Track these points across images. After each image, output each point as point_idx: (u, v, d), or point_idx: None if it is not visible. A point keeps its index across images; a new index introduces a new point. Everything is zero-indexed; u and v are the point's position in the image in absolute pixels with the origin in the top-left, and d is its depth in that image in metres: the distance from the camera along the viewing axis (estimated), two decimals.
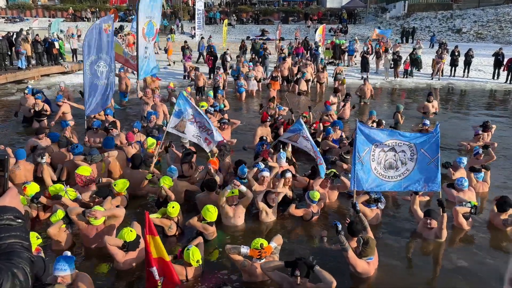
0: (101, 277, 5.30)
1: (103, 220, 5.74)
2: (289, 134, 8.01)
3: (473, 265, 5.59)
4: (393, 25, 36.28)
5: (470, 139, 10.29)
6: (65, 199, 6.11)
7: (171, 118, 7.85)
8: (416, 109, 13.32)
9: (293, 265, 4.46)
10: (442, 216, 5.89)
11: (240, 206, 6.46)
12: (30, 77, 19.01)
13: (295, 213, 6.60)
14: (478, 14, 35.78)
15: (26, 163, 7.80)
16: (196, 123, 7.73)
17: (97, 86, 9.75)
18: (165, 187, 6.61)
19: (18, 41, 19.35)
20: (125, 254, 5.30)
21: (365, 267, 5.10)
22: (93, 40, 9.51)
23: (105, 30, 9.67)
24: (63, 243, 5.79)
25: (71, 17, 38.01)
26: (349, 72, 21.10)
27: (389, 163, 6.18)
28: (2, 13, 39.72)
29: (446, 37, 32.08)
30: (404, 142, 6.16)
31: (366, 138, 6.17)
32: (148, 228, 3.91)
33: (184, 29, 35.02)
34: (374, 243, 5.15)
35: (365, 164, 6.19)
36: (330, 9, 41.46)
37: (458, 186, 7.32)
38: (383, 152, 6.18)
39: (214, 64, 19.68)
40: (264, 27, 36.39)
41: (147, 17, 12.30)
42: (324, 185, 7.32)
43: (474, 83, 19.89)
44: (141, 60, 12.34)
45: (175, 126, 7.79)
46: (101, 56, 9.68)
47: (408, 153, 6.16)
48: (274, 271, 4.75)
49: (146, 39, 12.42)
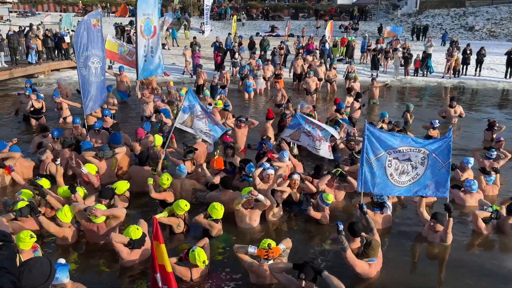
0: (104, 274, 5.31)
1: (103, 219, 5.76)
2: (289, 131, 7.96)
3: (479, 269, 5.51)
4: (404, 22, 35.89)
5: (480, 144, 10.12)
6: (77, 195, 6.20)
7: (179, 114, 7.87)
8: (438, 113, 12.75)
9: (301, 268, 4.43)
10: (448, 220, 5.80)
11: (256, 210, 6.37)
12: (40, 72, 19.17)
13: (314, 215, 6.51)
14: (491, 11, 35.23)
15: (23, 160, 7.86)
16: (205, 119, 7.75)
17: (93, 83, 9.36)
18: (151, 186, 6.55)
19: (29, 36, 19.51)
20: (130, 251, 5.31)
21: (365, 268, 5.05)
22: (82, 37, 9.04)
23: (94, 26, 9.28)
24: (69, 239, 5.83)
25: (82, 12, 38.19)
26: (358, 70, 20.84)
27: (402, 169, 6.08)
28: (15, 7, 40.07)
29: (458, 34, 31.64)
30: (418, 148, 6.00)
31: (378, 142, 6.01)
32: (155, 234, 3.88)
33: (193, 25, 34.95)
34: (378, 245, 5.10)
35: (376, 168, 6.04)
36: (340, 6, 41.12)
37: (467, 188, 7.25)
38: (398, 160, 6.04)
39: (223, 60, 19.62)
40: (274, 23, 36.25)
41: (144, 14, 12.08)
42: (331, 185, 7.27)
43: (486, 82, 19.60)
44: (141, 59, 12.09)
45: (182, 122, 7.82)
46: (94, 52, 9.30)
47: (420, 157, 6.03)
48: (282, 272, 4.72)
49: (145, 37, 12.20)
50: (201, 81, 15.73)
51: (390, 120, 10.45)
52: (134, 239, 5.27)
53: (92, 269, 5.44)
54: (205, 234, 6.05)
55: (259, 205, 6.30)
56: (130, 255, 5.31)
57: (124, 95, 14.40)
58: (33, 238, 4.94)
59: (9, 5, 39.81)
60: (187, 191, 7.09)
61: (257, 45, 23.75)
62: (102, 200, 6.11)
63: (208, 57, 22.78)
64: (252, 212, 6.35)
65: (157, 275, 3.94)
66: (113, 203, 6.26)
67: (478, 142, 10.67)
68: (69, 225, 5.83)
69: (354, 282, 5.11)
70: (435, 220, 6.01)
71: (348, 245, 5.05)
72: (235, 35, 26.17)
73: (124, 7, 37.78)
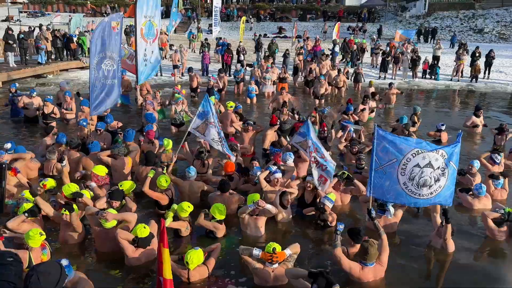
0: (109, 274, 5.32)
1: (114, 223, 5.55)
2: (300, 139, 7.77)
3: (486, 275, 5.45)
4: (413, 24, 35.70)
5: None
6: (86, 198, 6.12)
7: (194, 119, 7.81)
8: (463, 125, 11.80)
9: (314, 277, 4.39)
10: (446, 226, 5.67)
11: (262, 217, 6.25)
12: (49, 72, 19.34)
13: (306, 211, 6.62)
14: (501, 14, 34.93)
15: (28, 161, 7.87)
16: (217, 127, 7.64)
17: (105, 85, 9.26)
18: (148, 179, 6.56)
19: (38, 37, 19.70)
20: (135, 249, 5.32)
21: (353, 268, 5.00)
22: (100, 38, 9.04)
23: (114, 28, 9.24)
24: (75, 237, 5.86)
25: (91, 12, 38.47)
26: (367, 72, 20.75)
27: (424, 180, 5.66)
28: (25, 7, 40.47)
29: (467, 37, 31.43)
30: (437, 150, 5.67)
31: (393, 147, 5.66)
32: (162, 237, 3.89)
33: (201, 26, 35.02)
34: (375, 252, 5.01)
35: (387, 174, 5.74)
36: (349, 7, 41.00)
37: (475, 191, 7.19)
38: (419, 167, 5.61)
39: (232, 61, 19.66)
40: (282, 25, 36.23)
41: (146, 16, 11.56)
42: (337, 188, 7.24)
43: (494, 85, 19.43)
44: (141, 63, 11.56)
45: (196, 128, 7.76)
46: (109, 55, 9.23)
47: (440, 165, 5.66)
48: (298, 279, 4.71)
49: (147, 40, 11.70)
50: (195, 84, 15.32)
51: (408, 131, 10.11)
52: (139, 237, 5.28)
53: (97, 268, 5.47)
54: (209, 236, 6.07)
55: (265, 211, 6.17)
56: (135, 252, 5.31)
57: (125, 99, 13.97)
58: (42, 236, 5.02)
59: (19, 6, 40.25)
60: (195, 193, 7.09)
61: (265, 45, 23.69)
62: (113, 202, 6.01)
63: (214, 58, 22.79)
64: (258, 219, 6.22)
65: (161, 278, 3.96)
66: (124, 204, 6.18)
67: (487, 146, 10.53)
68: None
69: (360, 285, 5.08)
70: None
71: (339, 243, 5.11)
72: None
73: (133, 8, 37.91)
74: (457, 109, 15.69)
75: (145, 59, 11.71)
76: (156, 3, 11.90)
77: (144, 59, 11.68)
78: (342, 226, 5.30)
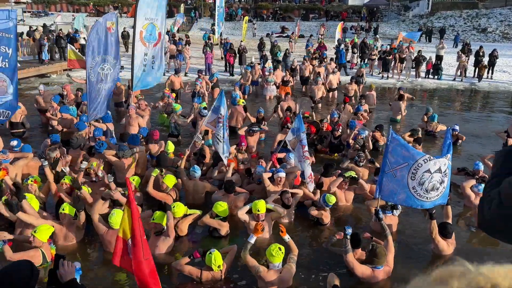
0: (108, 273, 5.34)
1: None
2: (291, 135, 7.57)
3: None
4: (416, 24, 35.62)
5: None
6: (84, 192, 6.20)
7: (209, 113, 7.87)
8: (496, 134, 10.67)
9: None
10: (430, 223, 5.72)
11: (268, 220, 6.19)
12: (52, 71, 19.40)
13: (315, 214, 6.61)
14: (505, 13, 34.80)
15: (29, 159, 7.91)
16: (224, 125, 7.60)
17: (101, 89, 8.82)
18: (152, 179, 6.67)
19: (42, 35, 19.77)
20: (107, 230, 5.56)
21: (365, 272, 5.04)
22: (96, 40, 8.57)
23: (109, 29, 8.78)
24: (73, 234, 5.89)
25: (94, 12, 38.57)
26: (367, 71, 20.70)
27: (432, 185, 5.63)
28: (28, 7, 40.63)
29: (470, 36, 31.33)
30: (446, 155, 5.65)
31: (405, 151, 5.62)
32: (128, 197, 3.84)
33: (204, 26, 35.08)
34: (383, 253, 5.03)
35: (397, 178, 5.70)
36: (352, 7, 40.96)
37: (475, 190, 7.24)
38: (429, 173, 5.56)
39: (235, 60, 19.65)
40: (284, 24, 36.23)
41: (147, 19, 10.82)
42: (341, 187, 7.24)
43: (498, 85, 19.37)
44: (138, 69, 10.79)
45: (210, 122, 7.84)
46: (106, 58, 8.81)
47: (446, 170, 5.65)
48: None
49: (146, 44, 10.93)
50: (177, 87, 14.17)
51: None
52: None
53: (99, 267, 5.49)
54: (211, 235, 6.09)
55: (270, 215, 6.10)
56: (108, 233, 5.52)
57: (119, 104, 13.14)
58: (51, 229, 5.15)
59: (23, 5, 40.40)
60: (199, 193, 7.12)
61: (267, 46, 23.59)
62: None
63: (216, 58, 22.75)
64: (265, 223, 6.11)
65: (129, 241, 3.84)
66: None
67: (492, 147, 10.40)
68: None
69: (359, 284, 5.12)
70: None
71: (351, 248, 5.11)
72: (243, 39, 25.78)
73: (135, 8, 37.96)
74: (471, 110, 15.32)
75: (144, 64, 11.02)
76: (160, 5, 11.14)
77: (144, 64, 11.00)
78: (350, 230, 5.28)
